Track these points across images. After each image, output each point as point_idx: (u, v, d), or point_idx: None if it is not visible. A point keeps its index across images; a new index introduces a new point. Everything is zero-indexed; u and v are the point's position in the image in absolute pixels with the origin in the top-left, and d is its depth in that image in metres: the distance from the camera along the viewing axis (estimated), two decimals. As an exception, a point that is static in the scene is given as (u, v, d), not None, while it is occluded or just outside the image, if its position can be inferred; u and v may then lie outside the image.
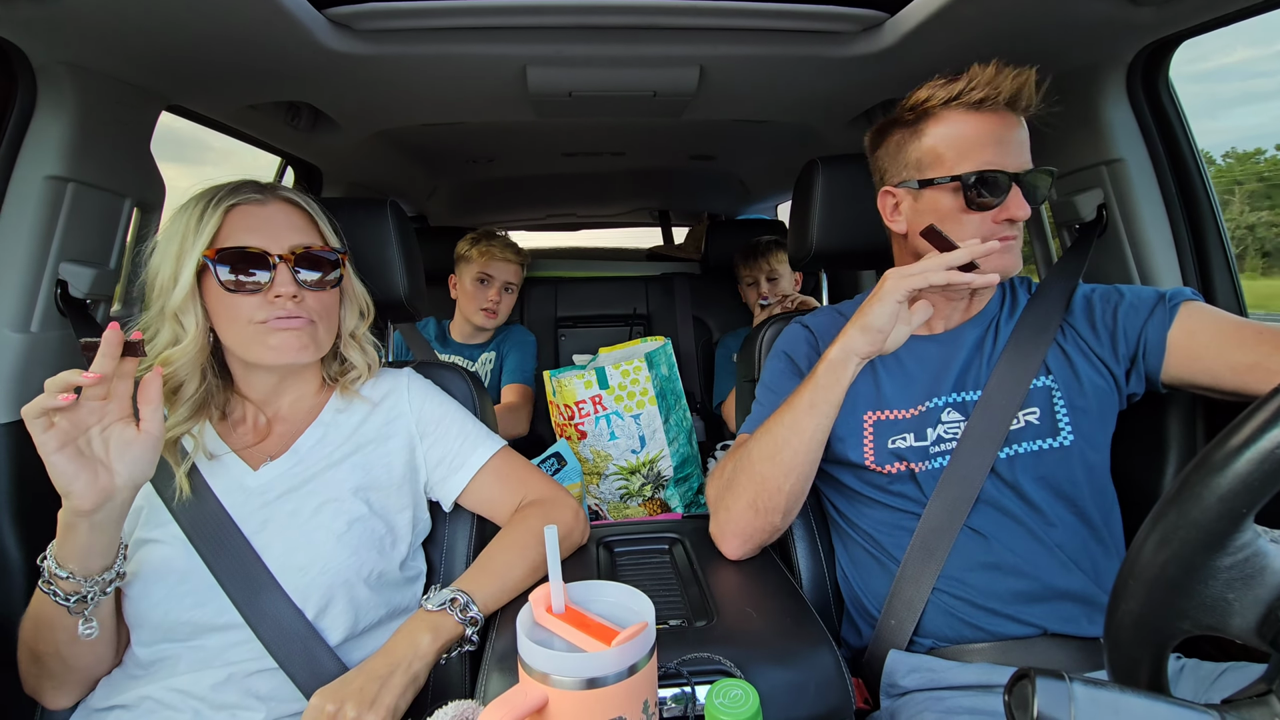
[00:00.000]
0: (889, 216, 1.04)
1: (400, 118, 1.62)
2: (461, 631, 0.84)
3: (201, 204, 0.89)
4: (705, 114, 1.62)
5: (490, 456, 1.02)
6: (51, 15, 0.91)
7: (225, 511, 0.87)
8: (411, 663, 0.80)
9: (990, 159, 0.92)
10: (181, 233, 0.87)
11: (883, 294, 0.87)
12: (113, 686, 0.85)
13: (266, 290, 0.88)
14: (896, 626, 0.95)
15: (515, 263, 2.17)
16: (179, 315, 0.87)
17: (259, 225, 0.90)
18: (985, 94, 0.91)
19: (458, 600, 0.85)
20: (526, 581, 0.93)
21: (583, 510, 1.03)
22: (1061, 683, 0.38)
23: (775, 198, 3.12)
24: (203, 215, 0.88)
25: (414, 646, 0.81)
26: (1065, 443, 0.94)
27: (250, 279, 0.88)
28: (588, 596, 0.63)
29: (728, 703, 0.56)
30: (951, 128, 0.94)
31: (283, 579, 0.86)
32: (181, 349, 0.87)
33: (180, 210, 0.90)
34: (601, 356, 1.94)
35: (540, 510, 1.00)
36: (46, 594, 0.76)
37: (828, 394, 0.91)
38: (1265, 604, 0.39)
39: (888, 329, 0.87)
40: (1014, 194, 0.92)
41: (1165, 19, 1.05)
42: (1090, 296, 1.02)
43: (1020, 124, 0.95)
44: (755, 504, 0.95)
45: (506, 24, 1.11)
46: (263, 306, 0.88)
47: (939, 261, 0.84)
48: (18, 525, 0.99)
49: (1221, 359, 0.87)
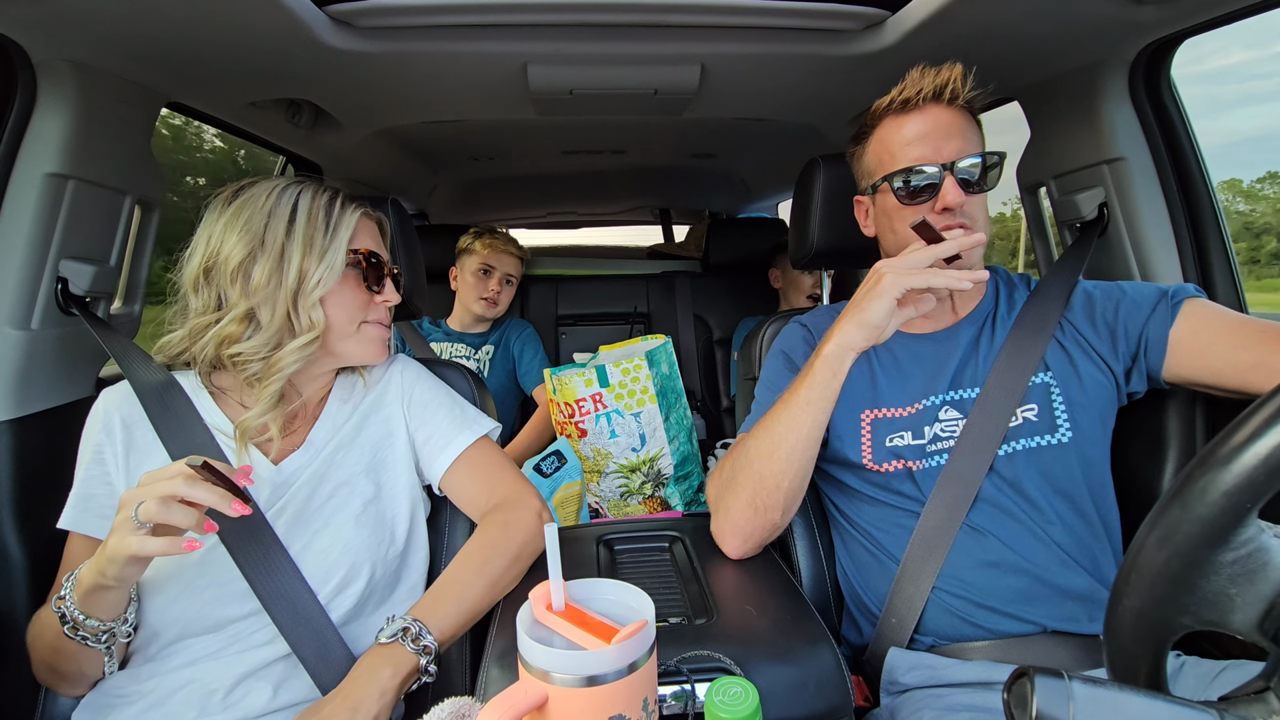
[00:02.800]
0: (863, 223, 1.13)
1: (401, 115, 1.62)
2: (416, 663, 0.80)
3: (324, 198, 0.91)
4: (706, 112, 1.62)
5: (471, 442, 1.02)
6: (51, 12, 0.90)
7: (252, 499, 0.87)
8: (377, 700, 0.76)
9: (919, 154, 0.96)
10: (306, 223, 0.89)
11: (881, 290, 0.86)
12: (130, 675, 0.86)
13: (377, 295, 0.97)
14: (897, 625, 0.95)
15: (516, 256, 2.26)
16: (311, 308, 0.89)
17: (374, 235, 0.99)
18: (909, 94, 0.97)
19: (409, 630, 0.81)
20: (485, 598, 0.90)
21: (548, 510, 1.01)
22: (1060, 681, 0.38)
23: (776, 196, 3.11)
24: (331, 211, 0.91)
25: (377, 683, 0.77)
26: (1064, 439, 0.94)
27: (374, 284, 0.96)
28: (588, 594, 0.63)
29: (727, 700, 0.56)
30: (886, 131, 1.01)
31: (305, 562, 0.87)
32: (306, 340, 0.89)
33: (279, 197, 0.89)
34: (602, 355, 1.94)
35: (501, 518, 0.97)
36: (73, 638, 0.77)
37: (824, 390, 0.91)
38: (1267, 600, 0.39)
39: (884, 324, 0.88)
40: (947, 183, 0.95)
41: (1167, 17, 1.05)
42: (1092, 293, 1.02)
43: (953, 116, 0.97)
44: (754, 502, 0.95)
45: (507, 21, 1.11)
46: (370, 309, 0.96)
47: (928, 254, 0.86)
48: (19, 523, 0.99)
49: (1224, 357, 0.87)
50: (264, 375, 0.88)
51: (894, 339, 1.05)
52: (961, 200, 0.94)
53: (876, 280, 0.88)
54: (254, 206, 0.89)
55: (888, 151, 1.00)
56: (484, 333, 2.25)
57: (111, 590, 0.76)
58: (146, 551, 0.70)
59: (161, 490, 0.70)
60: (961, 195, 0.94)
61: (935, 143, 0.96)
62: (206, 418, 0.92)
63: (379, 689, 0.77)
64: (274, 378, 0.88)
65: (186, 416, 0.91)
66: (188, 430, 0.90)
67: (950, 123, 0.96)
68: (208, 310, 0.89)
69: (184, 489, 0.70)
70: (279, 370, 0.88)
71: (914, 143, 0.97)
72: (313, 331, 0.89)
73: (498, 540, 0.94)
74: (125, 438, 0.90)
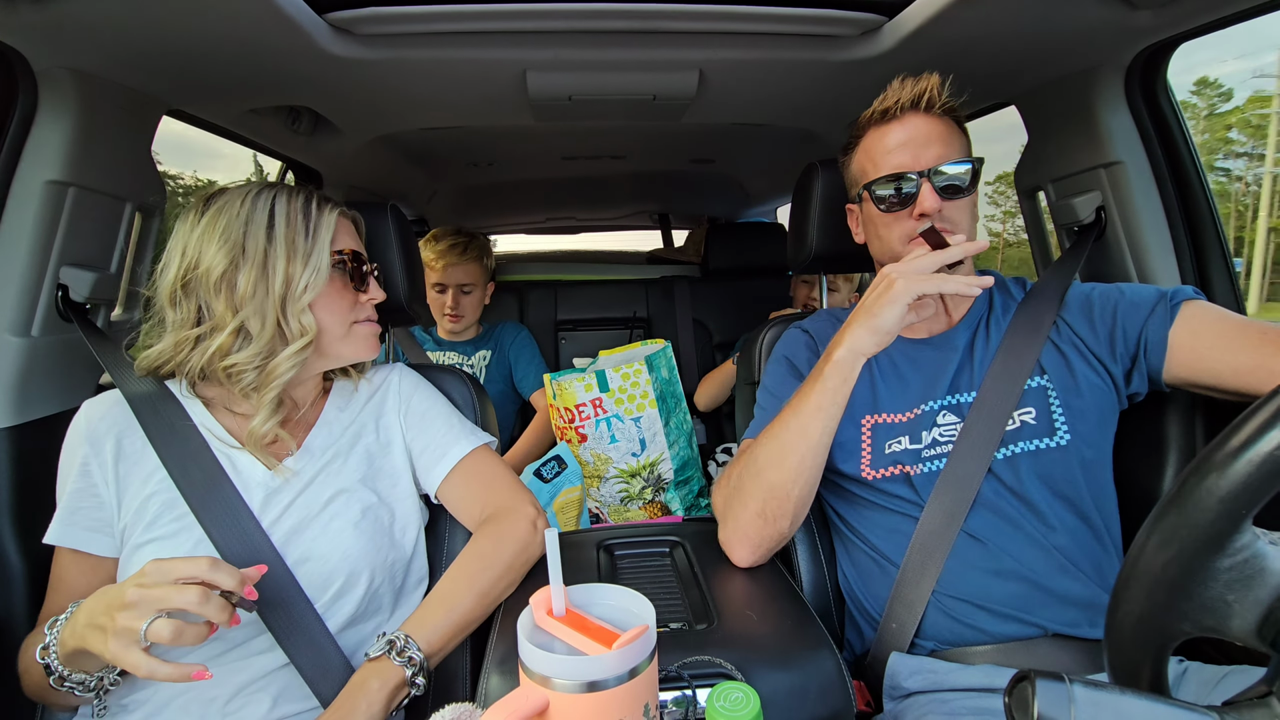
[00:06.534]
0: (854, 231, 1.16)
1: (400, 122, 1.62)
2: (403, 675, 0.80)
3: (299, 201, 0.90)
4: (705, 118, 1.62)
5: (467, 453, 1.02)
6: (52, 20, 0.91)
7: (246, 506, 0.88)
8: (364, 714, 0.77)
9: (898, 163, 0.98)
10: (286, 228, 0.87)
11: (895, 295, 0.87)
12: (126, 684, 0.85)
13: (362, 294, 0.97)
14: (898, 629, 0.95)
15: (472, 261, 2.06)
16: (303, 312, 0.88)
17: (352, 234, 0.98)
18: (889, 105, 1.00)
19: (395, 643, 0.82)
20: (475, 611, 0.90)
21: (544, 517, 1.01)
22: (1061, 684, 0.38)
23: (775, 201, 3.12)
24: (309, 215, 0.90)
25: (364, 698, 0.78)
26: (1062, 442, 0.94)
27: (357, 283, 0.96)
28: (588, 599, 0.63)
29: (728, 705, 0.56)
30: (869, 141, 1.04)
31: (304, 570, 0.87)
32: (300, 346, 0.88)
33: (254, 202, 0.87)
34: (601, 359, 1.94)
35: (493, 530, 0.96)
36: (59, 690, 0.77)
37: (835, 395, 0.91)
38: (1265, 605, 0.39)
39: (897, 330, 0.89)
40: (924, 190, 0.96)
41: (1163, 22, 1.06)
42: (1090, 295, 1.01)
43: (931, 124, 0.98)
44: (764, 511, 0.95)
45: (507, 28, 1.11)
46: (358, 309, 0.96)
47: (934, 260, 0.87)
48: (18, 529, 0.99)
49: (1224, 360, 0.87)
50: (260, 385, 0.88)
51: (892, 344, 1.05)
52: (938, 206, 0.95)
53: (888, 285, 0.88)
54: (230, 214, 0.87)
55: (870, 160, 1.02)
56: (475, 339, 2.23)
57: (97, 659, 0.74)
58: (156, 677, 0.67)
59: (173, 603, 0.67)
60: (939, 201, 0.96)
61: (914, 150, 0.98)
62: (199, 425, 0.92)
63: (366, 703, 0.77)
64: (271, 386, 0.88)
65: (180, 424, 0.90)
66: (181, 437, 0.89)
67: (929, 131, 0.98)
68: (188, 323, 0.88)
69: (197, 607, 0.67)
70: (275, 379, 0.87)
71: (894, 151, 0.99)
72: (305, 337, 0.88)
73: (488, 552, 0.94)
74: (114, 447, 0.89)
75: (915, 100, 0.98)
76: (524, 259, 3.31)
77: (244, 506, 0.87)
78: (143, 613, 0.67)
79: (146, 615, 0.67)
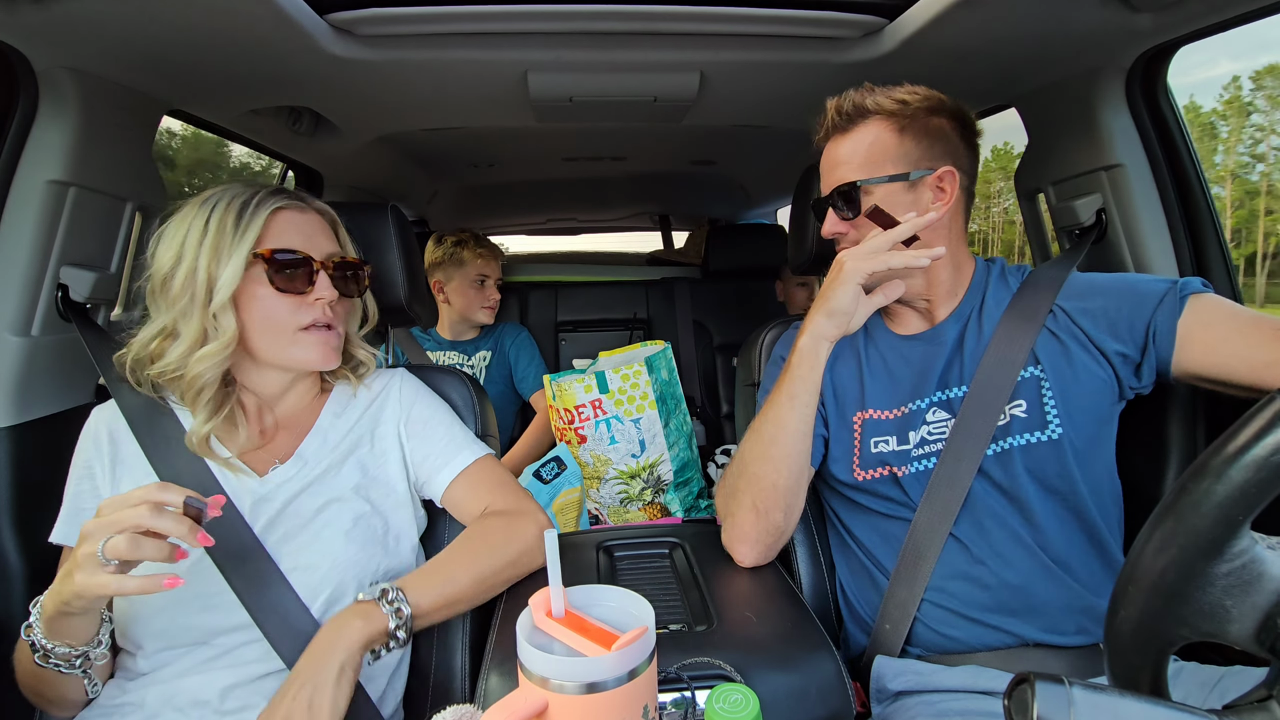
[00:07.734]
0: None
1: (401, 123, 1.62)
2: (386, 624, 0.81)
3: (239, 202, 0.88)
4: (706, 119, 1.63)
5: (471, 461, 1.01)
6: (53, 20, 0.91)
7: (236, 510, 0.87)
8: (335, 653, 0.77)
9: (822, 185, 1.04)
10: (216, 229, 0.86)
11: (843, 277, 0.92)
12: (118, 687, 0.85)
13: (307, 294, 0.90)
14: (891, 631, 0.95)
15: (500, 260, 2.32)
16: (219, 314, 0.86)
17: (302, 231, 0.92)
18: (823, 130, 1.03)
19: (388, 592, 0.83)
20: (470, 592, 0.90)
21: (551, 525, 1.00)
22: (1061, 687, 0.38)
23: (776, 202, 3.12)
24: (242, 214, 0.87)
25: (345, 631, 0.78)
26: (1054, 435, 0.91)
27: (294, 283, 0.89)
28: (588, 601, 0.63)
29: (728, 707, 0.56)
30: None
31: (293, 578, 0.86)
32: (218, 347, 0.86)
33: (203, 206, 0.88)
34: (601, 361, 1.94)
35: (505, 522, 0.96)
36: (45, 666, 0.77)
37: (804, 383, 0.94)
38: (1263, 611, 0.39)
39: (851, 310, 0.93)
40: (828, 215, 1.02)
41: (1164, 25, 1.06)
42: (1094, 283, 0.98)
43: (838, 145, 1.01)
44: (755, 506, 0.96)
45: (507, 29, 1.11)
46: (302, 311, 0.90)
47: (885, 239, 0.91)
48: (18, 529, 0.99)
49: (1237, 354, 0.84)
50: (187, 388, 0.88)
51: (882, 340, 1.05)
52: (837, 229, 1.01)
53: (838, 269, 0.93)
54: (179, 221, 0.88)
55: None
56: (476, 339, 2.24)
57: (77, 617, 0.75)
58: (124, 592, 0.68)
59: (126, 522, 0.67)
60: (836, 225, 1.01)
61: (825, 176, 1.03)
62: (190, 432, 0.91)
63: (345, 639, 0.78)
64: (196, 388, 0.87)
65: (172, 431, 0.90)
66: (173, 445, 0.89)
67: (834, 155, 1.01)
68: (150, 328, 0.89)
69: (149, 520, 0.67)
70: (198, 379, 0.86)
71: (821, 176, 1.05)
72: (222, 338, 0.86)
73: (497, 539, 0.94)
74: (112, 452, 0.90)
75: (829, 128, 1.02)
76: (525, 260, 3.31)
77: (237, 515, 0.87)
78: (98, 539, 0.67)
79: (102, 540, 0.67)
